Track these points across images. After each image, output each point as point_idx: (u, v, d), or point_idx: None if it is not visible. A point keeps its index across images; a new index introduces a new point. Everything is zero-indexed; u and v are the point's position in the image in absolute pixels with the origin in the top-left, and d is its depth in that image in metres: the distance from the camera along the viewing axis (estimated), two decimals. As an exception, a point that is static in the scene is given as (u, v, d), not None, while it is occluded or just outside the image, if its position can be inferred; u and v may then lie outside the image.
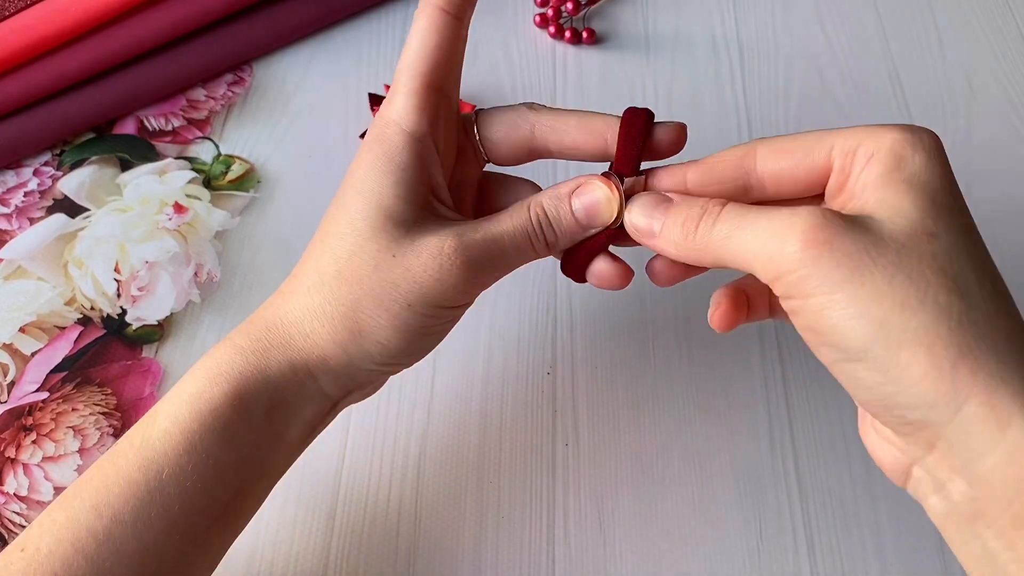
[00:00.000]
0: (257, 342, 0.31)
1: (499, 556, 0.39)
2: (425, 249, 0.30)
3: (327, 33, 0.58)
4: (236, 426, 0.30)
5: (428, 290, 0.30)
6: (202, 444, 0.29)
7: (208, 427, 0.30)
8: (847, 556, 0.39)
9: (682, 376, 0.44)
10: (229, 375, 0.30)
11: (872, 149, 0.27)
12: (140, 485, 0.29)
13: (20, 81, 0.51)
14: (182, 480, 0.29)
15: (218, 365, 0.30)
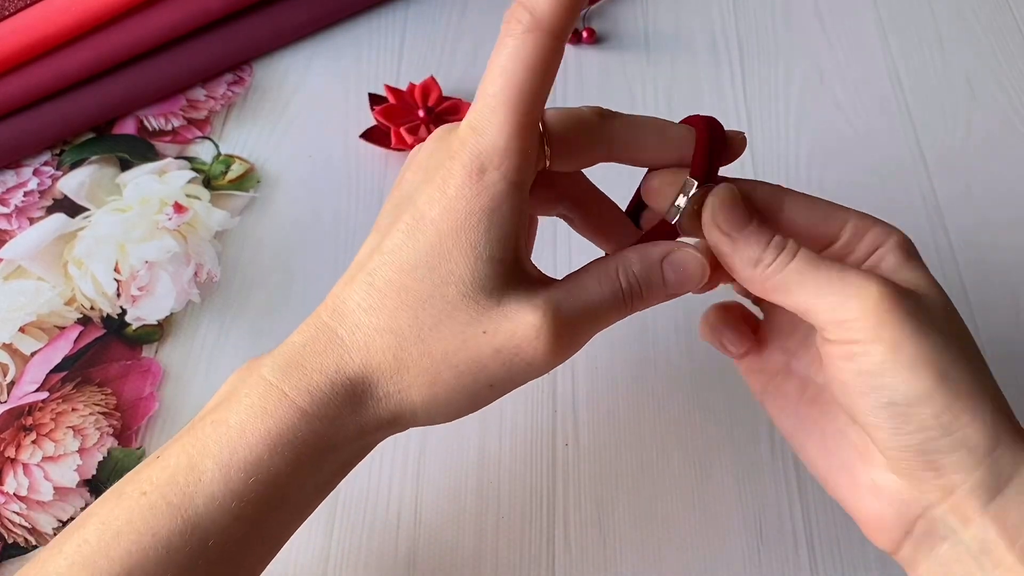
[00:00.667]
0: (325, 408, 0.28)
1: (499, 556, 0.39)
2: (520, 328, 0.28)
3: (327, 33, 0.58)
4: (293, 494, 0.28)
5: (518, 374, 0.29)
6: (255, 514, 0.28)
7: (263, 496, 0.28)
8: (847, 556, 0.39)
9: (682, 376, 0.44)
10: (293, 445, 0.28)
11: (880, 240, 0.31)
12: (182, 553, 0.26)
13: (20, 81, 0.51)
14: (229, 546, 0.27)
15: (279, 431, 0.28)
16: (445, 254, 0.28)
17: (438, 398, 0.29)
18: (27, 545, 0.40)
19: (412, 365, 0.28)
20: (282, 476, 0.28)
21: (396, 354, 0.28)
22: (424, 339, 0.28)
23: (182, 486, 0.27)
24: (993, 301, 0.46)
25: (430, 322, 0.28)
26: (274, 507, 0.28)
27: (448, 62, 0.56)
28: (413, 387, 0.28)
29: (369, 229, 0.49)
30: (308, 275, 0.48)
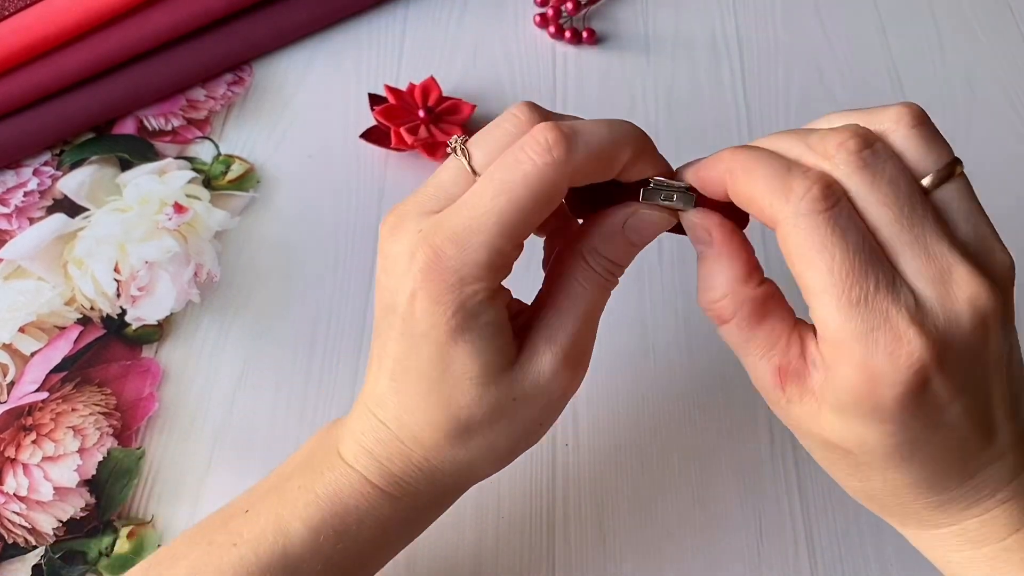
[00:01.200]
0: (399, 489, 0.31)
1: (499, 556, 0.39)
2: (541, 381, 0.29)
3: (327, 33, 0.58)
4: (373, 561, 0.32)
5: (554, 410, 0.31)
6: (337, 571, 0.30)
7: (349, 563, 0.30)
8: (847, 556, 0.39)
9: (682, 376, 0.44)
10: (379, 521, 0.31)
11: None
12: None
13: (20, 81, 0.51)
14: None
15: (368, 508, 0.30)
16: (450, 360, 0.28)
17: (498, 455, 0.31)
18: (27, 545, 0.40)
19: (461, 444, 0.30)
20: (368, 545, 0.30)
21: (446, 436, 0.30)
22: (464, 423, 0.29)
23: (270, 544, 0.29)
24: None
25: (469, 404, 0.29)
26: (356, 569, 0.31)
27: (448, 62, 0.56)
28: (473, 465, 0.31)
29: (369, 230, 0.49)
30: (308, 275, 0.48)
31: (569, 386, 0.30)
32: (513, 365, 0.29)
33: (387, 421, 0.30)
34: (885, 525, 0.40)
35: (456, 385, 0.29)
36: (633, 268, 0.46)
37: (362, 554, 0.31)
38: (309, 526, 0.29)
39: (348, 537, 0.30)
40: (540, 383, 0.29)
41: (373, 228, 0.49)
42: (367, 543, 0.30)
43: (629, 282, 0.41)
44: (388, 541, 0.32)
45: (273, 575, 0.29)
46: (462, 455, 0.30)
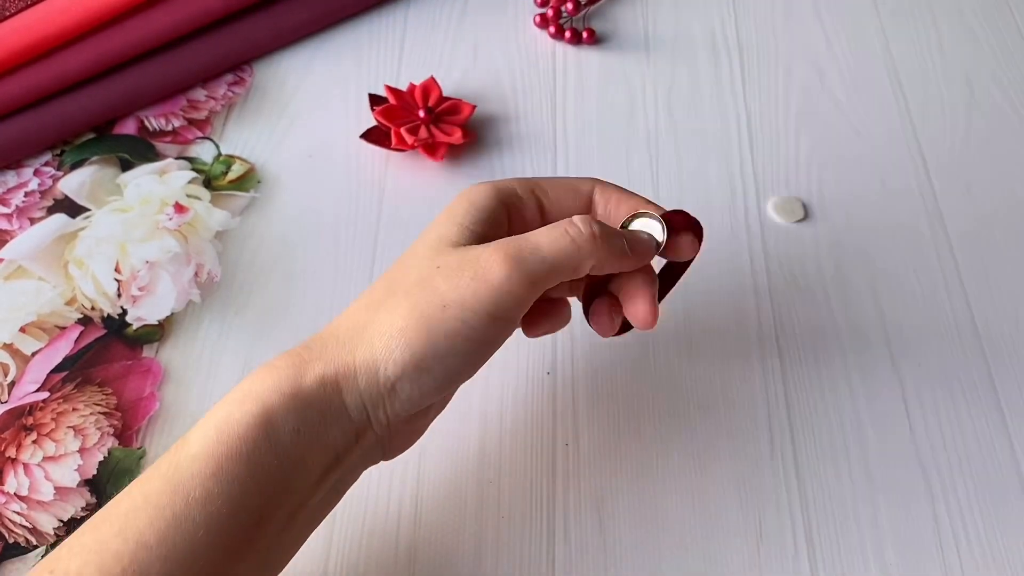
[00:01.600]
0: (294, 357, 0.31)
1: (499, 556, 0.39)
2: (468, 259, 0.32)
3: (327, 33, 0.58)
4: (262, 448, 0.30)
5: (468, 291, 0.31)
6: (228, 467, 0.29)
7: (235, 451, 0.29)
8: (846, 556, 0.39)
9: (682, 376, 0.44)
10: (259, 396, 0.30)
11: None
12: (167, 509, 0.29)
13: (21, 81, 0.51)
14: (208, 505, 0.29)
15: (250, 386, 0.31)
16: (432, 228, 0.34)
17: (396, 330, 0.31)
18: (28, 545, 0.40)
19: (374, 308, 0.32)
20: (251, 428, 0.30)
21: (366, 306, 0.32)
22: (389, 286, 0.33)
23: (171, 454, 0.30)
24: (992, 301, 0.47)
25: (399, 274, 0.33)
26: (247, 463, 0.30)
27: (448, 63, 0.56)
28: (372, 324, 0.32)
29: (369, 230, 0.49)
30: (308, 275, 0.48)
31: (497, 281, 0.31)
32: (464, 246, 0.33)
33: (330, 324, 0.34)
34: (885, 524, 0.40)
35: (411, 252, 0.33)
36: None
37: (245, 443, 0.30)
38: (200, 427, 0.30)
39: (230, 422, 0.30)
40: (464, 260, 0.32)
41: (373, 228, 0.49)
42: (249, 428, 0.30)
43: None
44: (273, 438, 0.30)
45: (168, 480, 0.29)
46: (366, 319, 0.32)
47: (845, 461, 0.41)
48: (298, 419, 0.30)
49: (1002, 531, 0.40)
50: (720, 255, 0.48)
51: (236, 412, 0.30)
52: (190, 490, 0.29)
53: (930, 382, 0.44)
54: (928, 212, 0.50)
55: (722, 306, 0.46)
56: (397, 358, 0.31)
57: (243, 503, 0.30)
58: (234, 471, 0.29)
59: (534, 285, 0.32)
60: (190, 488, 0.29)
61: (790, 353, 0.45)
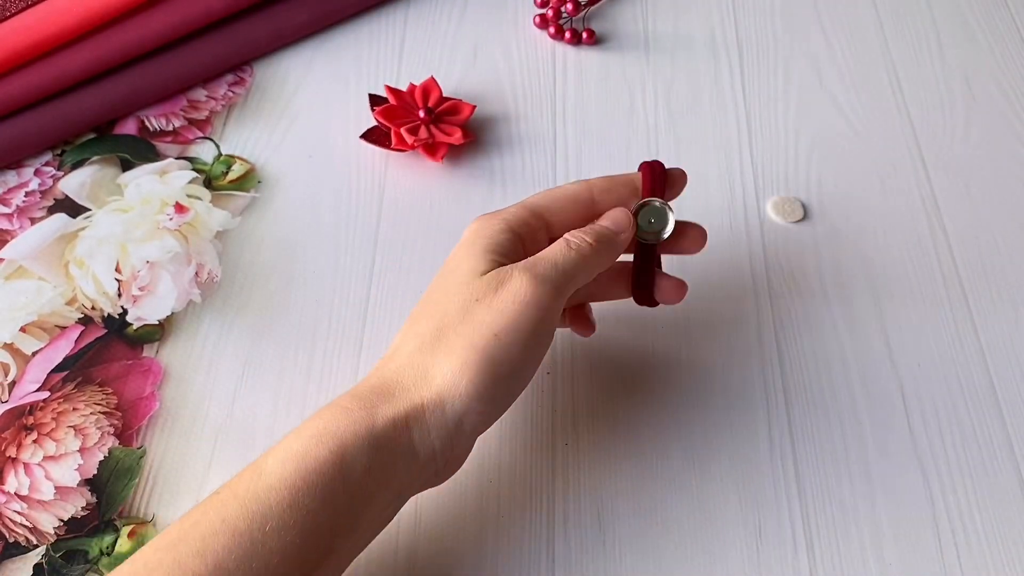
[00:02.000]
0: (362, 401, 0.34)
1: (499, 555, 0.39)
2: (500, 283, 0.35)
3: (327, 33, 0.58)
4: (337, 485, 0.32)
5: (511, 315, 0.34)
6: (305, 501, 0.31)
7: (312, 484, 0.31)
8: (846, 556, 0.39)
9: (682, 376, 0.44)
10: (335, 435, 0.32)
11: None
12: (245, 535, 0.30)
13: (21, 81, 0.51)
14: (284, 534, 0.31)
15: (325, 425, 0.33)
16: (455, 266, 0.36)
17: (454, 365, 0.34)
18: (28, 544, 0.40)
19: (429, 350, 0.34)
20: (327, 464, 0.32)
21: (419, 348, 0.35)
22: (437, 326, 0.35)
23: (247, 481, 0.32)
24: (992, 300, 0.47)
25: (440, 312, 0.35)
26: (322, 498, 0.32)
27: (448, 63, 0.56)
28: (431, 365, 0.34)
29: (369, 230, 0.49)
30: (309, 275, 0.48)
31: (527, 300, 0.34)
32: (488, 272, 0.35)
33: (383, 359, 0.36)
34: (884, 524, 0.40)
35: (444, 291, 0.36)
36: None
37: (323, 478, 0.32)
38: (277, 458, 0.32)
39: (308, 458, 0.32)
40: (501, 287, 0.35)
41: (373, 228, 0.49)
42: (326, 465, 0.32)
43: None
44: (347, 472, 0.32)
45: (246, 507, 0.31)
46: (425, 359, 0.34)
47: (844, 461, 0.41)
48: (370, 459, 0.33)
49: (1002, 531, 0.40)
50: (720, 255, 0.48)
51: (314, 449, 0.32)
52: (267, 519, 0.31)
53: (929, 382, 0.44)
54: (927, 212, 0.50)
55: (721, 305, 0.46)
56: (463, 392, 0.34)
57: (315, 533, 0.32)
58: (309, 505, 0.31)
59: (560, 295, 0.36)
60: (268, 517, 0.31)
61: (789, 353, 0.45)
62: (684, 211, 0.49)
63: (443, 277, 0.37)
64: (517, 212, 0.38)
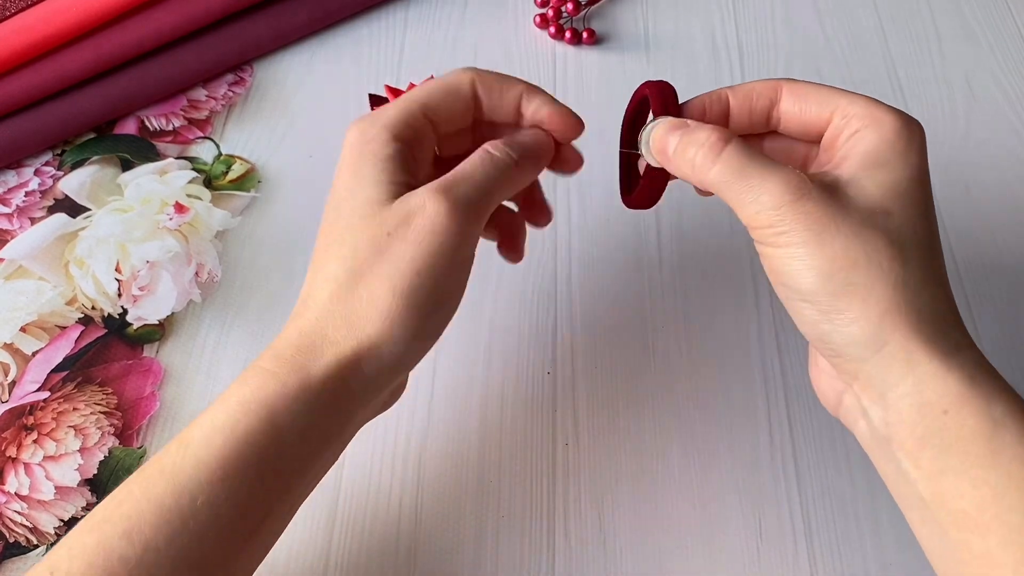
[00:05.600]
0: (288, 363, 0.31)
1: (499, 555, 0.39)
2: (412, 213, 0.32)
3: (327, 33, 0.58)
4: (270, 454, 0.30)
5: (429, 247, 0.31)
6: (235, 473, 0.29)
7: (243, 456, 0.30)
8: (846, 556, 0.39)
9: (682, 376, 0.44)
10: (263, 402, 0.30)
11: (865, 124, 0.31)
12: (173, 512, 0.29)
13: (21, 81, 0.51)
14: (216, 507, 0.29)
15: (252, 393, 0.30)
16: (346, 196, 0.33)
17: (380, 309, 0.31)
18: (28, 544, 0.40)
19: (351, 297, 0.31)
20: (258, 435, 0.30)
21: (337, 296, 0.32)
22: (352, 268, 0.32)
23: (173, 455, 0.30)
24: (992, 301, 0.47)
25: (350, 253, 0.32)
26: (256, 468, 0.30)
27: (448, 63, 0.56)
28: (357, 313, 0.31)
29: (369, 229, 0.49)
30: (309, 275, 0.48)
31: (444, 227, 0.31)
32: (395, 201, 0.32)
33: (296, 307, 0.33)
34: (885, 524, 0.40)
35: (346, 226, 0.32)
36: (634, 267, 0.47)
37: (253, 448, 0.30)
38: (203, 429, 0.30)
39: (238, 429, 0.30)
40: (412, 219, 0.31)
41: (374, 228, 0.49)
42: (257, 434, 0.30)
43: (630, 281, 0.42)
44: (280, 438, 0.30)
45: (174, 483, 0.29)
46: (346, 306, 0.31)
47: (845, 460, 0.41)
48: (306, 423, 0.31)
49: (1001, 531, 0.40)
50: (720, 255, 0.48)
51: (243, 420, 0.30)
52: (197, 494, 0.29)
53: (930, 382, 0.44)
54: (928, 212, 0.50)
55: (721, 303, 0.46)
56: (396, 336, 0.31)
57: (250, 503, 0.30)
58: (241, 476, 0.30)
59: (481, 217, 0.33)
60: (197, 492, 0.29)
61: (790, 352, 0.45)
62: (688, 205, 0.49)
63: (337, 207, 0.33)
64: (400, 115, 0.34)
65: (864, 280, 0.29)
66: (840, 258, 0.29)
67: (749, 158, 0.31)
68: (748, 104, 0.34)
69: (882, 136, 0.31)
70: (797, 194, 0.29)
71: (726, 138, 0.31)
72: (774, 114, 0.34)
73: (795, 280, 0.30)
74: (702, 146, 0.31)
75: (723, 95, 0.34)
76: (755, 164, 0.31)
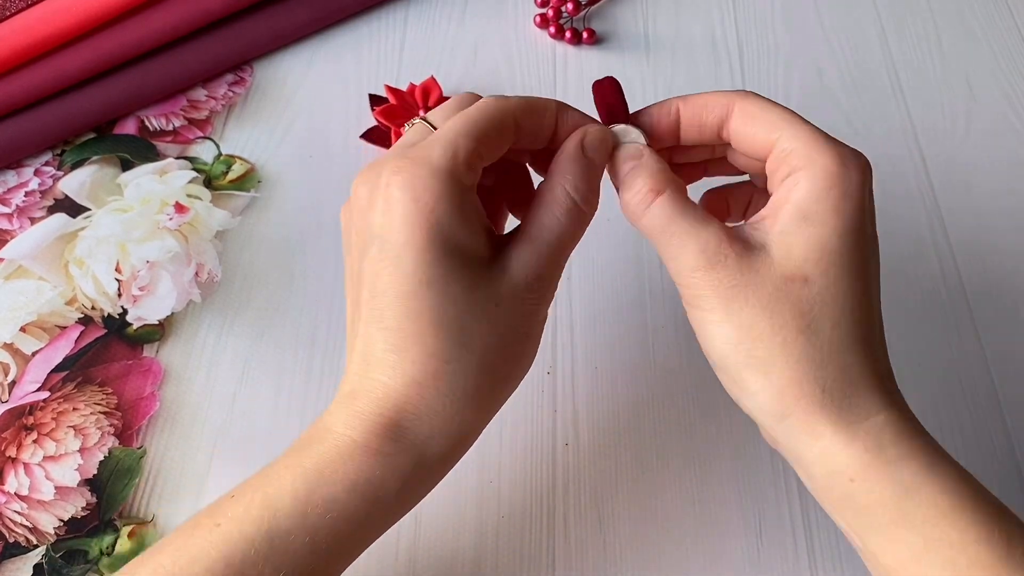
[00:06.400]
0: (394, 444, 0.30)
1: (499, 555, 0.39)
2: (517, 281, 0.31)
3: (327, 33, 0.58)
4: (367, 530, 0.30)
5: (532, 329, 0.32)
6: (328, 548, 0.29)
7: (341, 535, 0.29)
8: (847, 556, 0.39)
9: (682, 376, 0.44)
10: (370, 482, 0.29)
11: (801, 166, 0.30)
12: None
13: (21, 81, 0.51)
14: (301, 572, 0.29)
15: (358, 473, 0.29)
16: (432, 258, 0.29)
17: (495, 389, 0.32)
18: (28, 545, 0.40)
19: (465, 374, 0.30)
20: (359, 513, 0.29)
21: (444, 376, 0.30)
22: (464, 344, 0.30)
23: (256, 520, 0.28)
24: (992, 301, 0.47)
25: (438, 345, 0.29)
26: (347, 544, 0.30)
27: (448, 62, 0.56)
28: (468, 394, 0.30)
29: (369, 229, 0.49)
30: (308, 275, 0.48)
31: (540, 299, 0.31)
32: (491, 265, 0.30)
33: (373, 369, 0.30)
34: (884, 524, 0.40)
35: (440, 288, 0.29)
36: (634, 266, 0.47)
37: (353, 524, 0.29)
38: (296, 498, 0.28)
39: (338, 506, 0.29)
40: (517, 283, 0.30)
41: (373, 228, 0.49)
42: (358, 512, 0.29)
43: (630, 283, 0.41)
44: (381, 509, 0.30)
45: (257, 549, 0.28)
46: (450, 385, 0.30)
47: (845, 461, 0.41)
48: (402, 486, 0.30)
49: (1002, 531, 0.40)
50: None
51: (345, 497, 0.29)
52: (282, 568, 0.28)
53: (929, 382, 0.44)
54: (928, 212, 0.50)
55: (722, 306, 0.46)
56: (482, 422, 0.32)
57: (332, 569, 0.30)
58: (334, 552, 0.29)
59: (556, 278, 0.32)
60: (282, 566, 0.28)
61: (790, 353, 0.45)
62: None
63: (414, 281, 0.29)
64: (453, 158, 0.30)
65: (766, 355, 0.29)
66: (746, 330, 0.29)
67: (677, 214, 0.30)
68: (698, 118, 0.33)
69: (814, 184, 0.30)
70: (712, 262, 0.30)
71: (659, 189, 0.31)
72: (725, 130, 0.33)
73: (707, 345, 0.31)
74: (637, 192, 0.31)
75: (674, 107, 0.33)
76: (680, 222, 0.30)
